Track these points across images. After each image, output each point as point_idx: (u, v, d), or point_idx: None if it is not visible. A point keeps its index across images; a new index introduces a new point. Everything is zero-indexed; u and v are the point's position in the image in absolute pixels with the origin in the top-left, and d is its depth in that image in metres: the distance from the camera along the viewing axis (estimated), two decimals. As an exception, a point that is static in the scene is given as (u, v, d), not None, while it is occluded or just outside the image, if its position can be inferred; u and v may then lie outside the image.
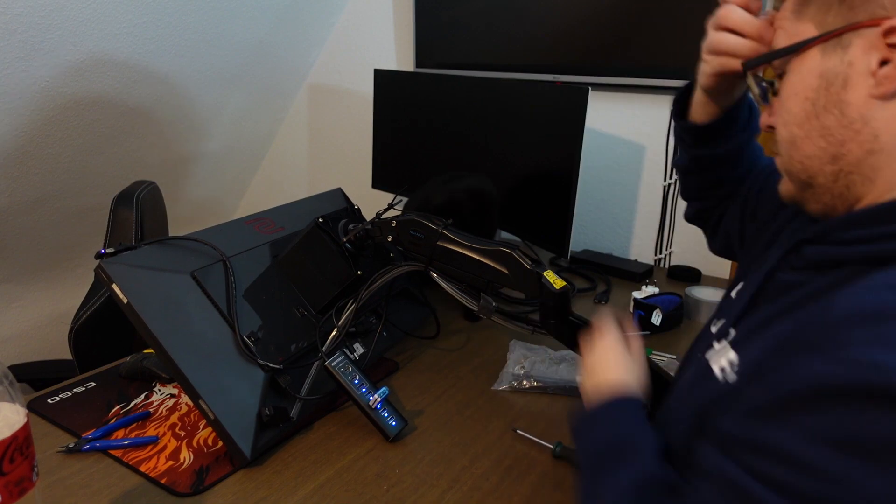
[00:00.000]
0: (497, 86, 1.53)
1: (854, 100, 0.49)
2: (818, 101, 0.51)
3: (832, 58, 0.50)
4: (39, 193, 1.72)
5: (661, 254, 1.68)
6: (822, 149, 0.51)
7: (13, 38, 1.39)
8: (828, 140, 0.51)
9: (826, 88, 0.50)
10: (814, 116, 0.51)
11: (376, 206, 1.23)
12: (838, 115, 0.50)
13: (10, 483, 0.56)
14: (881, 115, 0.48)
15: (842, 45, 0.49)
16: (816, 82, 0.51)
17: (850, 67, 0.49)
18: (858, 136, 0.49)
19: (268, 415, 0.85)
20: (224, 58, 1.90)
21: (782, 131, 0.55)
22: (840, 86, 0.49)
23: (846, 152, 0.50)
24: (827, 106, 0.50)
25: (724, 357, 0.56)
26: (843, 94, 0.49)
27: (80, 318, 1.32)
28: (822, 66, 0.50)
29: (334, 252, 1.04)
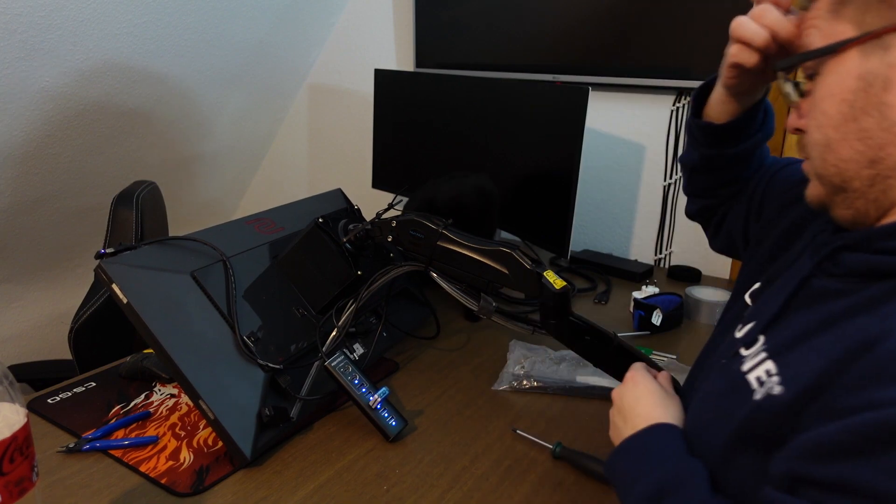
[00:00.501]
0: (497, 86, 1.53)
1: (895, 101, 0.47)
2: (856, 102, 0.49)
3: (872, 59, 0.48)
4: (39, 193, 1.72)
5: (661, 254, 1.68)
6: (860, 152, 0.50)
7: (13, 38, 1.39)
8: (866, 143, 0.49)
9: (865, 90, 0.49)
10: (851, 119, 0.49)
11: (376, 206, 1.23)
12: (878, 118, 0.48)
13: (10, 483, 0.56)
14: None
15: (882, 46, 0.48)
16: (855, 84, 0.49)
17: (892, 69, 0.47)
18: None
19: (268, 415, 0.85)
20: (224, 58, 1.90)
21: (815, 134, 0.53)
22: (881, 87, 0.48)
23: (886, 156, 0.48)
24: (866, 108, 0.49)
25: (761, 367, 0.53)
26: (884, 96, 0.48)
27: (80, 318, 1.32)
28: (862, 67, 0.49)
29: (334, 252, 1.04)
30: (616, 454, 0.65)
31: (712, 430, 0.57)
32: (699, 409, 0.62)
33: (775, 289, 0.60)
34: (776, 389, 0.50)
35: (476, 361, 1.13)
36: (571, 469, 0.84)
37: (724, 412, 0.56)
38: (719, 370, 0.61)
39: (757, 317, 0.59)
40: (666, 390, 0.70)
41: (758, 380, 0.53)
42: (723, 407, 0.56)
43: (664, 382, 0.72)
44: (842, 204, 0.53)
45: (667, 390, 0.70)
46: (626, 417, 0.67)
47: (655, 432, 0.63)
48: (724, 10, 1.40)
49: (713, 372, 0.63)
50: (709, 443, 0.57)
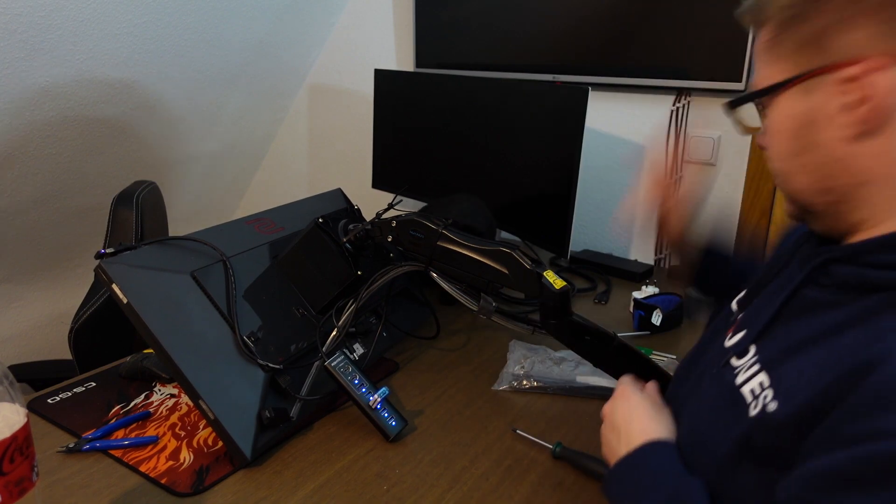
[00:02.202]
0: (497, 86, 1.53)
1: (829, 141, 0.50)
2: (798, 140, 0.52)
3: (800, 101, 0.51)
4: (39, 193, 1.72)
5: (661, 254, 1.68)
6: (810, 184, 0.53)
7: (13, 38, 1.39)
8: (813, 176, 0.52)
9: (806, 129, 0.51)
10: (796, 154, 0.52)
11: (376, 206, 1.23)
12: (822, 155, 0.51)
13: (10, 483, 0.56)
14: (865, 151, 0.49)
15: (814, 88, 0.50)
16: (796, 123, 0.52)
17: (816, 111, 0.50)
18: (846, 170, 0.50)
19: (268, 417, 0.85)
20: (224, 58, 1.90)
21: (773, 164, 0.56)
22: (811, 129, 0.51)
23: (836, 186, 0.51)
24: (807, 146, 0.51)
25: (755, 380, 0.53)
26: (817, 136, 0.50)
27: (80, 318, 1.32)
28: (801, 107, 0.51)
29: (334, 252, 1.04)
30: (614, 474, 0.64)
31: (709, 444, 0.56)
32: (694, 422, 0.62)
33: (765, 298, 0.60)
34: (771, 406, 0.50)
35: (476, 361, 1.13)
36: (571, 469, 0.84)
37: (720, 427, 0.55)
38: (711, 379, 0.61)
39: (748, 325, 0.59)
40: (655, 401, 0.69)
41: (752, 392, 0.53)
42: (719, 421, 0.56)
43: (652, 392, 0.72)
44: (812, 221, 0.56)
45: (656, 401, 0.70)
46: (619, 434, 0.66)
47: (652, 451, 0.62)
48: (724, 11, 1.40)
49: (705, 380, 0.62)
50: (706, 457, 0.57)
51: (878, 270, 0.49)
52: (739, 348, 0.58)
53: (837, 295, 0.51)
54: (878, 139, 0.48)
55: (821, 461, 0.44)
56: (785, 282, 0.57)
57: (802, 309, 0.54)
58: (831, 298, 0.51)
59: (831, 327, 0.49)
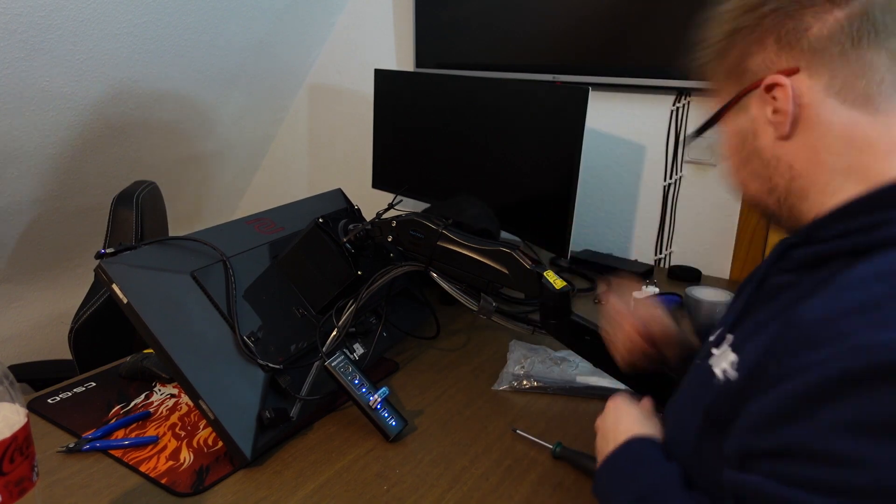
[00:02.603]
0: (497, 86, 1.53)
1: (765, 144, 0.59)
2: (742, 153, 0.62)
3: (741, 118, 0.61)
4: (39, 193, 1.72)
5: (661, 254, 1.68)
6: (758, 188, 0.61)
7: (13, 38, 1.39)
8: (759, 180, 0.61)
9: (744, 142, 0.61)
10: (743, 166, 0.62)
11: (376, 206, 1.23)
12: (759, 160, 0.60)
13: (11, 483, 0.56)
14: (788, 150, 0.58)
15: (744, 107, 0.61)
16: (737, 139, 0.62)
17: (754, 122, 0.60)
18: (778, 169, 0.59)
19: (268, 417, 0.85)
20: (224, 58, 1.90)
21: (729, 178, 0.65)
22: (752, 138, 0.60)
23: (775, 185, 0.59)
24: (749, 156, 0.61)
25: (725, 360, 0.58)
26: (756, 143, 0.60)
27: (80, 318, 1.32)
28: (737, 126, 0.62)
29: (334, 252, 1.04)
30: (599, 473, 0.68)
31: (686, 424, 0.61)
32: (675, 407, 0.67)
33: (741, 291, 0.67)
34: (732, 375, 0.56)
35: (476, 361, 1.13)
36: (571, 469, 0.84)
37: (696, 404, 0.60)
38: (694, 370, 0.65)
39: (725, 319, 0.66)
40: (645, 410, 0.73)
41: (722, 371, 0.58)
42: (692, 400, 0.62)
43: (646, 404, 0.75)
44: (776, 222, 0.63)
45: (645, 410, 0.73)
46: (607, 439, 0.70)
47: (631, 445, 0.67)
48: (724, 10, 1.40)
49: (692, 372, 0.67)
50: (683, 436, 0.61)
51: (826, 244, 0.54)
52: (718, 339, 0.63)
53: (797, 276, 0.57)
54: (795, 138, 0.57)
55: (754, 405, 0.49)
56: (756, 273, 0.64)
57: (769, 294, 0.59)
58: (791, 279, 0.57)
59: (787, 303, 0.55)
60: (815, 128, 0.56)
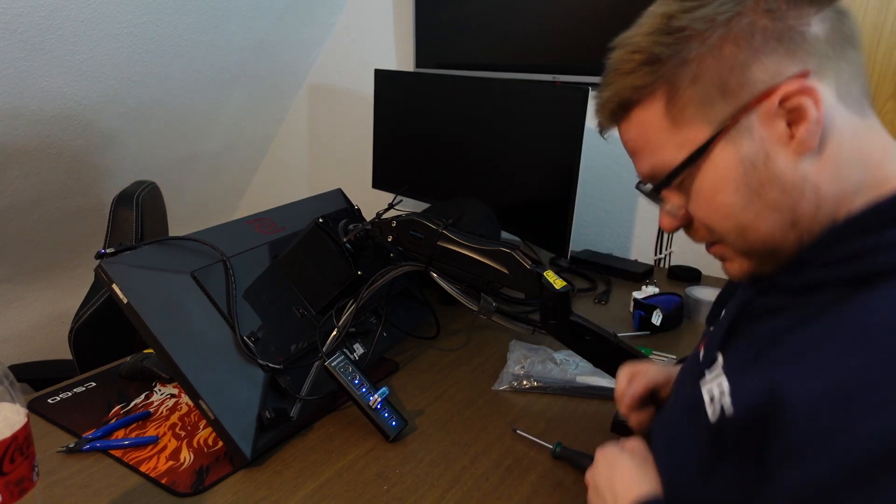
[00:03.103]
0: (497, 86, 1.53)
1: (784, 167, 0.50)
2: (751, 183, 0.51)
3: (742, 143, 0.51)
4: (39, 193, 1.72)
5: (661, 254, 1.68)
6: (778, 220, 0.52)
7: (13, 38, 1.39)
8: (780, 211, 0.51)
9: (754, 170, 0.51)
10: (756, 198, 0.51)
11: (376, 207, 1.23)
12: (780, 187, 0.50)
13: (11, 483, 0.56)
14: (813, 169, 0.50)
15: (744, 129, 0.51)
16: (741, 168, 0.51)
17: (764, 143, 0.50)
18: (805, 195, 0.50)
19: (268, 418, 0.85)
20: (224, 58, 1.90)
21: (726, 224, 0.54)
22: (764, 162, 0.50)
23: (801, 215, 0.51)
24: (763, 183, 0.51)
25: (717, 386, 0.54)
26: (772, 166, 0.50)
27: (80, 318, 1.32)
28: (738, 153, 0.51)
29: (334, 252, 1.04)
30: None
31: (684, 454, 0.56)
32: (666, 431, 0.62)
33: (726, 309, 0.61)
34: (728, 409, 0.50)
35: (476, 361, 1.13)
36: (571, 469, 0.84)
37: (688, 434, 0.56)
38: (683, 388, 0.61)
39: (714, 336, 0.60)
40: (637, 457, 0.65)
41: (710, 397, 0.53)
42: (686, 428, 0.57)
43: (633, 447, 0.67)
44: (775, 264, 0.54)
45: (638, 457, 0.66)
46: (604, 499, 0.64)
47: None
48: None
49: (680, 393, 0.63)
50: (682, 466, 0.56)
51: (819, 269, 0.50)
52: (708, 359, 0.58)
53: (785, 299, 0.52)
54: (822, 152, 0.50)
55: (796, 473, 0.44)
56: (742, 292, 0.58)
57: (757, 316, 0.55)
58: (780, 303, 0.53)
59: (785, 327, 0.50)
60: (833, 138, 0.50)
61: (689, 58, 0.51)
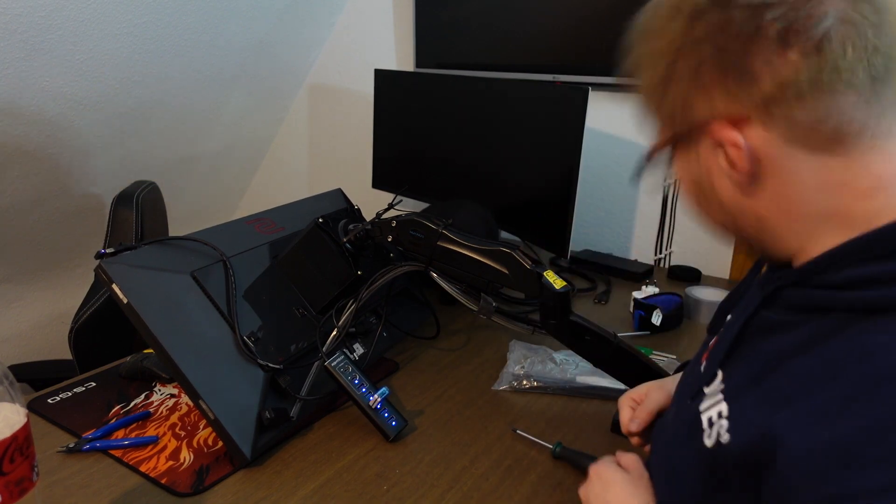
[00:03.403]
0: (497, 86, 1.53)
1: (725, 196, 0.53)
2: (699, 193, 0.55)
3: (692, 165, 0.54)
4: (39, 193, 1.72)
5: (661, 254, 1.68)
6: (723, 224, 0.56)
7: (13, 38, 1.39)
8: (722, 219, 0.55)
9: (700, 189, 0.55)
10: (702, 203, 0.56)
11: (376, 206, 1.23)
12: (718, 205, 0.54)
13: (11, 483, 0.56)
14: (753, 203, 0.51)
15: (693, 153, 0.53)
16: (691, 177, 0.55)
17: (708, 172, 0.53)
18: (744, 217, 0.53)
19: (268, 418, 0.85)
20: (224, 58, 1.90)
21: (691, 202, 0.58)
22: (709, 187, 0.53)
23: (741, 228, 0.54)
24: (708, 198, 0.54)
25: (715, 408, 0.53)
26: (715, 193, 0.53)
27: (80, 318, 1.32)
28: (689, 165, 0.55)
29: (334, 252, 1.04)
30: None
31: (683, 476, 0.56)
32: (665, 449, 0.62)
33: (729, 322, 0.61)
34: (724, 437, 0.50)
35: (476, 361, 1.13)
36: (571, 469, 0.84)
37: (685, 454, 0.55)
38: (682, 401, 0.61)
39: (715, 351, 0.59)
40: (632, 474, 0.66)
41: (709, 421, 0.53)
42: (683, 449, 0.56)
43: (629, 464, 0.67)
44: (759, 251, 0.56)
45: (634, 474, 0.66)
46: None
47: None
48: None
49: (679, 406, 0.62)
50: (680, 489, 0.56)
51: (821, 290, 0.49)
52: (708, 374, 0.57)
53: (789, 315, 0.51)
54: (759, 192, 0.51)
55: None
56: (746, 305, 0.58)
57: (761, 331, 0.54)
58: (784, 319, 0.52)
59: (786, 352, 0.49)
60: (780, 178, 0.49)
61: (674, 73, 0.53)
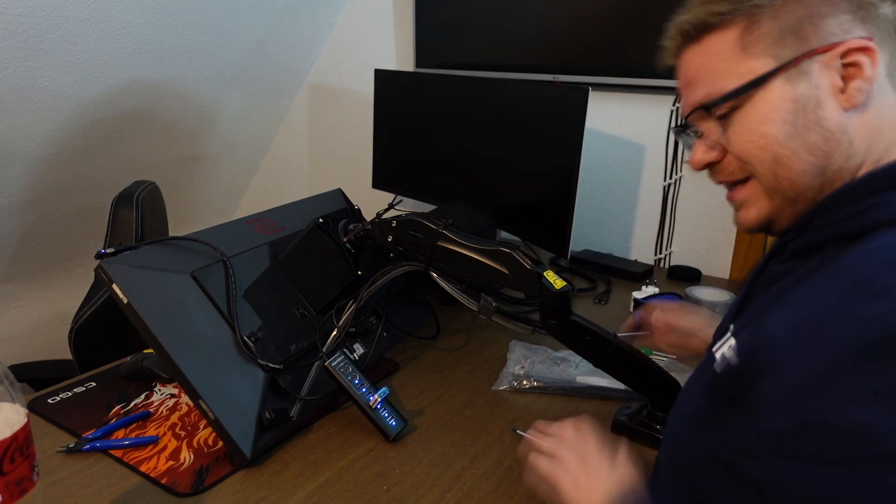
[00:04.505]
0: (497, 86, 1.53)
1: (830, 115, 0.55)
2: (797, 122, 0.56)
3: (800, 84, 0.55)
4: (39, 193, 1.72)
5: (661, 254, 1.68)
6: (812, 163, 0.56)
7: (13, 38, 1.39)
8: (815, 154, 0.56)
9: (803, 111, 0.55)
10: (797, 136, 0.56)
11: (376, 206, 1.23)
12: (821, 131, 0.55)
13: (11, 483, 0.56)
14: (854, 123, 0.55)
15: (804, 72, 0.55)
16: (792, 106, 0.56)
17: (819, 89, 0.55)
18: (840, 145, 0.55)
19: (268, 418, 0.85)
20: (224, 58, 1.90)
21: (761, 154, 0.58)
22: (814, 106, 0.55)
23: (832, 163, 0.56)
24: (808, 125, 0.55)
25: (726, 345, 0.57)
26: (820, 112, 0.55)
27: (80, 318, 1.32)
28: (793, 92, 0.56)
29: (334, 252, 1.04)
30: None
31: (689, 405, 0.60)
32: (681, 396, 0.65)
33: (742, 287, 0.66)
34: (733, 359, 0.54)
35: (476, 361, 1.13)
36: (571, 469, 0.84)
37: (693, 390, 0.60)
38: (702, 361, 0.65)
39: (729, 312, 0.66)
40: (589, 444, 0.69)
41: (723, 357, 0.57)
42: (693, 386, 0.61)
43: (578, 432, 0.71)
44: (789, 217, 0.59)
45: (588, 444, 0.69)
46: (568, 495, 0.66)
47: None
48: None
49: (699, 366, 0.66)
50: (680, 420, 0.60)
51: (817, 232, 0.55)
52: (722, 331, 0.62)
53: (792, 265, 0.57)
54: (862, 113, 0.55)
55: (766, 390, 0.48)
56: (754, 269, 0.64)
57: (766, 283, 0.59)
58: (788, 268, 0.57)
59: (783, 289, 0.55)
60: (875, 104, 0.55)
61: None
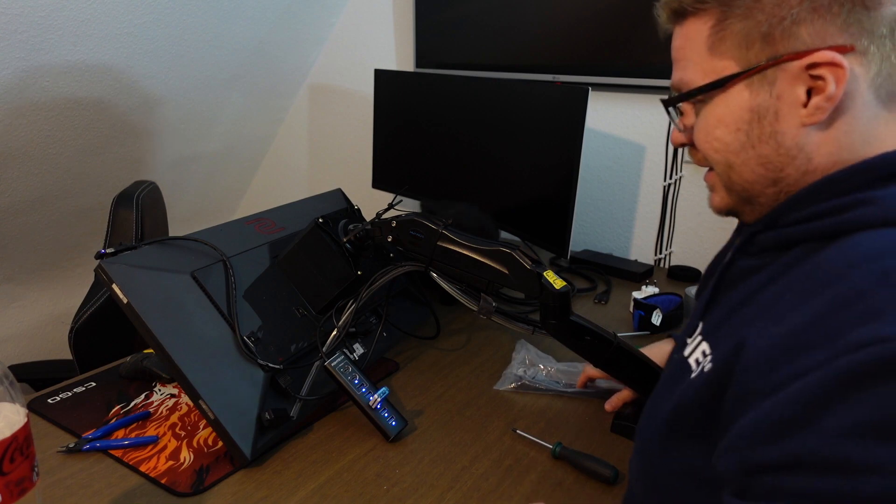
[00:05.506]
0: (497, 86, 1.53)
1: (787, 129, 0.52)
2: (751, 132, 0.53)
3: (760, 92, 0.52)
4: (39, 193, 1.72)
5: (661, 254, 1.68)
6: (762, 175, 0.54)
7: (13, 38, 1.39)
8: (766, 168, 0.54)
9: (758, 121, 0.53)
10: (749, 147, 0.54)
11: (376, 206, 1.23)
12: (774, 145, 0.53)
13: (11, 483, 0.56)
14: (814, 140, 0.51)
15: (767, 80, 0.52)
16: (748, 115, 0.53)
17: (780, 100, 0.51)
18: (795, 161, 0.52)
19: (268, 418, 0.85)
20: (224, 58, 1.90)
21: (715, 156, 0.57)
22: (772, 118, 0.52)
23: (785, 176, 0.53)
24: (762, 137, 0.53)
25: (697, 350, 0.56)
26: (777, 125, 0.52)
27: (80, 318, 1.32)
28: (752, 100, 0.53)
29: (334, 252, 1.04)
30: None
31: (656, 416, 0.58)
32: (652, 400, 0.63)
33: (707, 280, 0.65)
34: (707, 366, 0.52)
35: (476, 361, 1.13)
36: (571, 469, 0.84)
37: (670, 397, 0.57)
38: (669, 363, 0.63)
39: (696, 306, 0.63)
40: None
41: (696, 362, 0.55)
42: (671, 392, 0.58)
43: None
44: (750, 212, 0.58)
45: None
46: None
47: None
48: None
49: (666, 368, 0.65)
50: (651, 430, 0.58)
51: (791, 227, 0.52)
52: (691, 328, 0.61)
53: (762, 259, 0.54)
54: (826, 130, 0.51)
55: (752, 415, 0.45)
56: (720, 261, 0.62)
57: (735, 279, 0.57)
58: (758, 263, 0.55)
59: (755, 288, 0.52)
60: (846, 121, 0.50)
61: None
